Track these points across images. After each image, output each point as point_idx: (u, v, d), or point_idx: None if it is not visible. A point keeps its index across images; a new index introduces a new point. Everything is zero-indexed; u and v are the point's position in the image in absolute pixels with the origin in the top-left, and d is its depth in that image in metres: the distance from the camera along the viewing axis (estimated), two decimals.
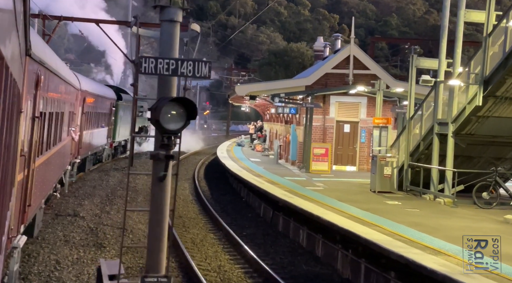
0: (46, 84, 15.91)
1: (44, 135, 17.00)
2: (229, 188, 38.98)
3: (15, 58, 8.59)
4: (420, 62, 26.19)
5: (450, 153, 23.35)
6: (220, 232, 24.26)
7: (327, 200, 23.65)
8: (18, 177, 12.11)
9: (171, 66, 6.74)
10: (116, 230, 22.82)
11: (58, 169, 23.58)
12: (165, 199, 7.02)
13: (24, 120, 12.07)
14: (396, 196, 25.40)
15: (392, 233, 16.74)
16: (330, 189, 27.46)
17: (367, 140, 37.53)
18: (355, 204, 22.42)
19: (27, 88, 12.06)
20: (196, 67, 6.78)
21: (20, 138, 11.62)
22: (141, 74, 6.73)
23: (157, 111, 6.50)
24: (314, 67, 45.28)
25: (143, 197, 31.91)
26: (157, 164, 6.96)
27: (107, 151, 46.22)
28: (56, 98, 18.97)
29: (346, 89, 35.07)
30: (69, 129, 25.70)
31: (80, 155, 32.77)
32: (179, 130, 6.78)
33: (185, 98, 6.69)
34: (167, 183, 7.01)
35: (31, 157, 14.30)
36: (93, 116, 36.15)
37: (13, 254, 12.64)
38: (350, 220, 18.82)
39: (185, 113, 6.68)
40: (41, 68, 14.38)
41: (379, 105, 29.57)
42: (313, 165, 35.38)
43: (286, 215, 24.61)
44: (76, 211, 25.58)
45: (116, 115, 46.52)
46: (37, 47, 13.47)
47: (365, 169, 37.42)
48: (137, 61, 7.13)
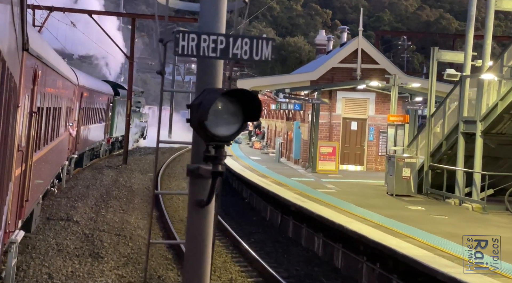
0: (44, 79, 15.97)
1: (42, 130, 16.97)
2: (229, 188, 37.01)
3: (12, 53, 8.66)
4: (442, 55, 24.21)
5: (478, 153, 21.42)
6: (227, 239, 22.27)
7: (344, 204, 21.72)
8: (15, 172, 12.11)
9: (219, 44, 4.71)
10: (113, 237, 20.79)
11: (56, 165, 23.59)
12: (207, 229, 5.02)
13: (21, 115, 12.10)
14: (416, 200, 23.47)
15: (430, 246, 14.81)
16: (343, 191, 25.52)
17: (375, 138, 35.62)
18: (376, 210, 20.50)
19: (24, 83, 12.15)
20: (255, 46, 4.78)
21: (17, 133, 11.68)
22: (178, 56, 4.68)
23: (203, 109, 4.46)
24: (318, 62, 43.29)
25: (140, 198, 29.89)
26: (196, 184, 4.96)
27: (104, 146, 46.29)
28: (53, 93, 18.97)
29: (357, 84, 33.12)
30: (67, 124, 25.58)
31: (78, 150, 32.73)
32: (233, 136, 4.75)
33: (246, 90, 4.68)
34: (210, 210, 5.03)
35: (29, 152, 14.26)
36: (91, 112, 36.18)
37: (11, 249, 12.56)
38: (376, 230, 16.90)
39: (241, 112, 4.67)
40: (38, 63, 14.40)
41: (394, 101, 27.58)
42: (320, 165, 33.46)
43: (297, 220, 22.68)
44: (69, 215, 23.52)
45: (114, 111, 46.50)
46: (34, 42, 13.49)
47: (373, 168, 35.53)
48: (167, 40, 5.10)
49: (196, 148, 5.04)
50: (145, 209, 27.00)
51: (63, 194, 28.62)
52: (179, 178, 39.81)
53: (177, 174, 41.98)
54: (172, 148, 64.71)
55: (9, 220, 11.71)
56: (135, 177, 37.46)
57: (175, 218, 25.48)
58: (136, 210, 26.43)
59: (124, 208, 26.41)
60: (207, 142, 4.60)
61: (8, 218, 11.48)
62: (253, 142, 54.88)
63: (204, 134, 4.56)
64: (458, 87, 22.84)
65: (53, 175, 23.64)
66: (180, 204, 29.33)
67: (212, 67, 4.99)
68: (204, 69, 5.00)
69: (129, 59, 45.13)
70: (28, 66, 12.63)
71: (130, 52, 45.16)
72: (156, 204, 28.78)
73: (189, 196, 5.11)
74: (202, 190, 5.00)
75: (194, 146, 5.05)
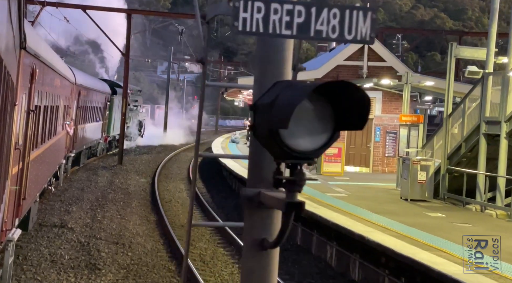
0: (41, 78, 16.06)
1: (39, 128, 17.04)
2: (229, 190, 35.55)
3: (9, 51, 8.72)
4: (461, 51, 22.73)
5: (503, 156, 19.99)
6: (232, 247, 20.79)
7: (358, 210, 20.27)
8: (13, 170, 12.11)
9: (296, 17, 3.19)
10: (111, 246, 19.30)
11: (53, 163, 23.70)
12: (270, 279, 3.54)
13: (18, 113, 12.14)
14: (434, 206, 22.03)
15: (466, 262, 13.32)
16: (354, 196, 24.08)
17: (382, 139, 34.17)
18: (394, 217, 19.04)
19: (22, 81, 12.23)
20: (347, 20, 3.26)
21: (14, 131, 11.78)
22: (238, 34, 3.11)
23: (282, 112, 2.88)
24: (321, 59, 41.80)
25: (137, 201, 28.40)
26: (255, 216, 3.46)
27: (101, 145, 46.25)
28: (51, 92, 18.96)
29: (364, 83, 31.64)
30: (64, 123, 25.60)
31: (75, 149, 32.72)
32: (320, 151, 3.15)
33: (348, 83, 3.19)
34: (274, 254, 3.55)
35: (26, 150, 14.31)
36: (88, 110, 36.26)
37: (8, 247, 12.58)
38: (401, 241, 15.45)
39: (331, 117, 3.13)
40: (36, 62, 14.47)
41: (406, 100, 26.09)
42: (325, 166, 31.99)
43: (307, 226, 21.23)
44: (63, 221, 22.02)
45: (111, 110, 46.51)
46: (32, 40, 13.52)
47: (380, 170, 34.10)
48: (214, 14, 3.59)
49: (255, 165, 3.55)
50: (143, 214, 25.51)
51: (56, 197, 27.14)
52: (176, 180, 38.33)
53: (174, 175, 40.50)
54: (168, 147, 63.18)
55: (6, 218, 11.80)
56: (131, 179, 35.96)
57: (175, 224, 24.02)
58: (134, 215, 24.96)
59: (121, 213, 24.93)
60: (281, 159, 3.09)
61: (5, 216, 11.56)
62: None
63: (277, 147, 3.02)
64: (479, 85, 21.38)
65: (50, 174, 23.61)
66: (179, 209, 27.86)
67: (282, 52, 3.50)
68: (268, 54, 3.50)
69: (125, 56, 43.59)
70: (25, 64, 12.67)
71: (125, 49, 43.57)
72: (154, 207, 27.31)
73: (245, 233, 3.62)
74: (263, 224, 3.53)
75: (252, 162, 3.56)
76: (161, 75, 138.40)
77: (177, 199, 30.67)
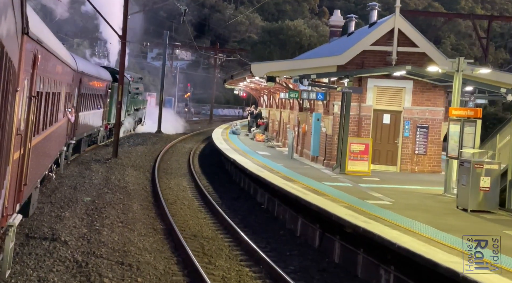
0: (44, 64, 15.90)
1: (41, 114, 16.89)
2: (237, 188, 31.87)
3: (11, 37, 8.92)
4: None
5: None
6: (259, 267, 17.01)
7: (418, 226, 16.59)
8: (14, 156, 12.03)
9: None
10: (115, 267, 15.48)
11: (54, 150, 23.58)
12: None
13: (20, 99, 12.14)
14: (503, 219, 18.35)
15: None
16: (399, 204, 20.40)
17: (412, 134, 30.45)
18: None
19: (24, 67, 12.18)
20: None
21: (16, 116, 11.73)
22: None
23: None
24: (339, 44, 37.98)
25: (139, 203, 24.58)
26: None
27: (102, 132, 45.82)
28: (53, 78, 18.71)
29: (399, 70, 27.86)
30: (66, 110, 25.26)
31: (76, 136, 32.45)
32: None
33: None
34: None
35: (28, 136, 14.30)
36: (89, 98, 35.97)
37: (8, 233, 12.29)
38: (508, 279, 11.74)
39: None
40: (38, 47, 14.39)
41: (457, 91, 22.29)
42: (350, 165, 28.29)
43: (348, 240, 17.56)
44: (54, 231, 18.13)
45: (112, 97, 45.82)
46: (34, 26, 13.46)
47: (409, 169, 30.41)
48: None
49: None
50: (148, 220, 21.70)
51: (46, 197, 23.28)
52: (177, 175, 34.57)
53: (174, 170, 36.73)
54: (162, 137, 59.44)
55: (7, 204, 11.89)
56: (128, 175, 32.11)
57: (186, 233, 20.30)
58: (137, 222, 21.14)
59: (122, 219, 21.11)
60: None
61: (6, 202, 11.62)
62: (254, 133, 49.49)
63: None
64: None
65: (52, 160, 23.63)
66: (187, 212, 24.10)
67: None
68: None
69: (121, 39, 39.61)
70: (28, 50, 12.61)
71: (122, 31, 39.56)
72: (159, 211, 23.56)
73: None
74: None
75: None
76: (151, 62, 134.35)
77: (182, 200, 26.93)
